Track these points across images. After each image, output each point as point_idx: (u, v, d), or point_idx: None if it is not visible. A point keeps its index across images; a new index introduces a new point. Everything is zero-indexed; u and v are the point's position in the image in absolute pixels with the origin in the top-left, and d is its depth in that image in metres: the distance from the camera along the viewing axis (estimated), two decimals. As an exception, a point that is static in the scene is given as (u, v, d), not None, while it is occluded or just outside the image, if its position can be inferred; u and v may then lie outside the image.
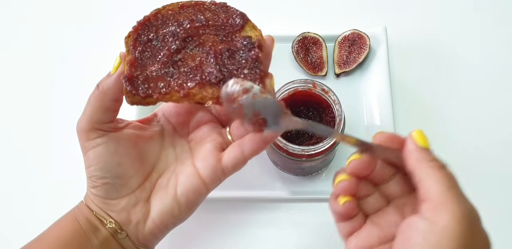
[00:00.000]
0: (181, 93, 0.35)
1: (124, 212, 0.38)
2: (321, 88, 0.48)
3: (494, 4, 0.67)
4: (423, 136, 0.33)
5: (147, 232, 0.39)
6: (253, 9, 0.68)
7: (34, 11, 0.69)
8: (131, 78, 0.35)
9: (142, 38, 0.36)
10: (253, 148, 0.37)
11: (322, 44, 0.62)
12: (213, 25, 0.37)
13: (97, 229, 0.38)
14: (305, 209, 0.56)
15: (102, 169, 0.37)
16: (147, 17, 0.37)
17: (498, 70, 0.63)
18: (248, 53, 0.36)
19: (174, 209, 0.38)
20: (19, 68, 0.66)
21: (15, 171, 0.60)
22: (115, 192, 0.38)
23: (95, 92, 0.37)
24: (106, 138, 0.37)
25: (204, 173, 0.38)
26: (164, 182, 0.40)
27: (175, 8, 0.37)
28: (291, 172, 0.56)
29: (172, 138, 0.42)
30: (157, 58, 0.36)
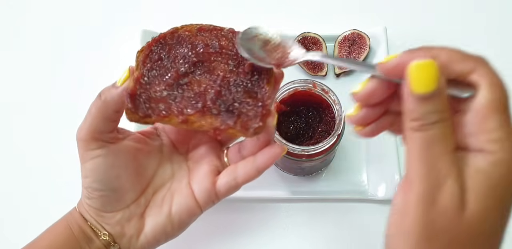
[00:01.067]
0: (180, 119, 0.35)
1: (118, 226, 0.38)
2: (321, 88, 0.48)
3: (494, 4, 0.67)
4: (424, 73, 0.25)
5: (139, 246, 0.39)
6: (253, 9, 0.69)
7: (34, 11, 0.69)
8: (133, 95, 0.35)
9: (153, 56, 0.36)
10: (246, 176, 0.38)
11: (322, 44, 0.62)
12: (226, 53, 0.36)
13: (90, 239, 0.38)
14: (305, 209, 0.56)
15: (99, 182, 0.37)
16: (163, 34, 0.37)
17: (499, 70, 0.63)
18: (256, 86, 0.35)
19: (167, 227, 0.39)
20: (19, 68, 0.66)
21: (14, 171, 0.60)
22: (110, 205, 0.38)
23: (97, 102, 0.36)
24: (106, 150, 0.37)
25: (199, 195, 0.38)
26: (159, 200, 0.39)
27: (193, 30, 0.37)
28: (291, 172, 0.56)
29: (170, 154, 0.41)
30: (163, 78, 0.35)
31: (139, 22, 0.65)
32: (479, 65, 0.26)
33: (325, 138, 0.47)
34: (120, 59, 0.64)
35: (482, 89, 0.25)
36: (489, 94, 0.25)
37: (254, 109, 0.35)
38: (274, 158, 0.37)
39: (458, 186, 0.25)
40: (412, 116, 0.25)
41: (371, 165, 0.57)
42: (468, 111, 0.26)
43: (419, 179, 0.25)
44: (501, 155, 0.24)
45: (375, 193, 0.55)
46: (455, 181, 0.25)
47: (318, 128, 0.50)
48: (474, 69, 0.26)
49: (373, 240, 0.54)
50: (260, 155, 0.37)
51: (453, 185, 0.25)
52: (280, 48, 0.37)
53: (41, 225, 0.40)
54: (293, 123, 0.51)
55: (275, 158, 0.37)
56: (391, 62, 0.27)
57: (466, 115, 0.26)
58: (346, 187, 0.56)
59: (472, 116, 0.25)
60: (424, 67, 0.25)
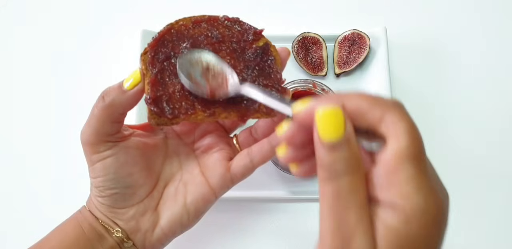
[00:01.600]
0: (207, 113, 0.35)
1: (133, 221, 0.38)
2: (321, 88, 0.48)
3: (494, 4, 0.67)
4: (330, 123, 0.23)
5: (155, 240, 0.39)
6: (254, 9, 0.69)
7: (34, 11, 0.69)
8: (155, 99, 0.35)
9: (159, 56, 0.36)
10: (262, 157, 0.38)
11: (322, 44, 0.62)
12: (229, 41, 0.36)
13: (102, 237, 0.37)
14: (305, 209, 0.56)
15: (111, 180, 0.37)
16: (162, 33, 0.36)
17: (499, 70, 0.63)
18: (265, 63, 0.36)
19: (183, 217, 0.39)
20: (19, 68, 0.66)
21: (14, 171, 0.60)
22: (123, 201, 0.38)
23: (99, 104, 0.35)
24: (116, 149, 0.36)
25: (213, 181, 0.39)
26: (172, 191, 0.39)
27: (188, 23, 0.37)
28: (291, 172, 0.56)
29: (176, 146, 0.41)
30: (177, 77, 0.35)
31: (139, 22, 0.65)
32: (387, 113, 0.24)
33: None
34: (120, 59, 0.64)
35: (389, 139, 0.23)
36: (396, 144, 0.23)
37: (273, 90, 0.35)
38: None
39: (367, 243, 0.23)
40: (321, 166, 0.24)
41: (371, 165, 0.56)
42: (378, 163, 0.24)
43: (328, 234, 0.23)
44: (411, 212, 0.23)
45: (375, 193, 0.55)
46: (364, 237, 0.23)
47: (318, 128, 0.50)
48: (382, 118, 0.24)
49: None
50: (275, 135, 0.38)
51: (361, 242, 0.23)
52: (220, 76, 0.36)
53: (42, 226, 0.39)
54: (293, 123, 0.51)
55: None
56: (302, 111, 0.25)
57: (377, 167, 0.24)
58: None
59: (381, 168, 0.23)
60: (329, 115, 0.23)
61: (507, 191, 0.56)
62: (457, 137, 0.59)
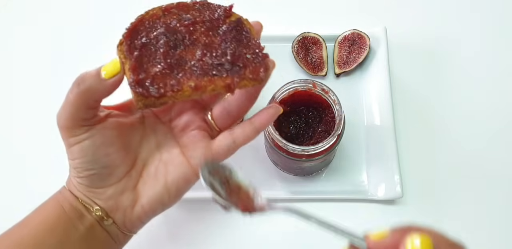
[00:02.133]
0: (193, 87, 0.36)
1: (111, 200, 0.38)
2: (321, 88, 0.48)
3: (494, 4, 0.67)
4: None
5: (135, 218, 0.39)
6: (254, 9, 0.68)
7: (34, 11, 0.69)
8: (139, 82, 0.35)
9: (136, 43, 0.36)
10: (245, 137, 0.38)
11: (322, 44, 0.62)
12: (201, 21, 0.37)
13: (82, 215, 0.38)
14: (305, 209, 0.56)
15: (89, 162, 0.37)
16: (135, 23, 0.37)
17: (499, 69, 0.63)
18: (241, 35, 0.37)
19: (164, 197, 0.39)
20: (19, 68, 0.66)
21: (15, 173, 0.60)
22: (101, 181, 0.38)
23: (74, 90, 0.35)
24: (92, 132, 0.37)
25: (195, 162, 0.39)
26: (152, 171, 0.40)
27: (159, 12, 0.38)
28: (291, 172, 0.56)
29: (153, 124, 0.41)
30: (157, 59, 0.36)
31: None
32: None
33: (325, 138, 0.47)
34: (120, 59, 0.64)
35: None
36: None
37: (255, 56, 0.36)
38: (272, 116, 0.38)
39: None
40: None
41: (371, 165, 0.57)
42: None
43: None
44: None
45: (375, 193, 0.55)
46: None
47: (318, 128, 0.50)
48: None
49: (373, 240, 0.55)
50: (257, 116, 0.39)
51: None
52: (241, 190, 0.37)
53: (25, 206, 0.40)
54: (293, 123, 0.51)
55: (273, 117, 0.38)
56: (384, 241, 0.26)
57: None
58: (346, 187, 0.56)
59: None
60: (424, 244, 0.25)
61: (507, 191, 0.56)
62: (457, 137, 0.59)
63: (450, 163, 0.58)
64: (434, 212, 0.55)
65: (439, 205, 0.56)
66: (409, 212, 0.55)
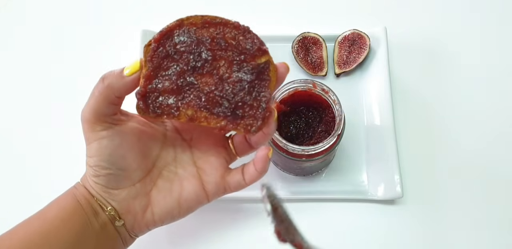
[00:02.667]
0: (188, 118, 0.36)
1: (124, 202, 0.40)
2: (321, 88, 0.48)
3: (494, 3, 0.67)
4: None
5: (143, 223, 0.40)
6: (254, 9, 0.68)
7: (34, 11, 0.69)
8: (144, 95, 0.36)
9: (161, 51, 0.36)
10: (250, 178, 0.40)
11: (322, 44, 0.62)
12: (232, 50, 0.36)
13: (97, 212, 0.39)
14: (305, 209, 0.56)
15: (106, 161, 0.38)
16: (170, 27, 0.36)
17: (498, 69, 0.63)
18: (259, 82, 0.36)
19: (175, 211, 0.41)
20: (19, 68, 0.66)
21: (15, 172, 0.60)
22: (117, 182, 0.39)
23: (99, 86, 0.37)
24: (112, 131, 0.38)
25: (209, 187, 0.41)
26: (167, 183, 0.41)
27: (198, 22, 0.37)
28: (291, 172, 0.56)
29: (174, 139, 0.43)
30: (172, 76, 0.36)
31: (139, 22, 0.65)
32: None
33: (325, 138, 0.47)
34: (121, 59, 0.63)
35: None
36: None
37: (257, 112, 0.36)
38: (265, 160, 0.40)
39: None
40: None
41: (371, 165, 0.57)
42: None
43: None
44: None
45: (375, 193, 0.55)
46: None
47: (318, 128, 0.50)
48: None
49: (373, 240, 0.55)
50: (255, 159, 0.40)
51: None
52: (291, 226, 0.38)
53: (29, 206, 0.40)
54: (293, 123, 0.51)
55: (265, 160, 0.40)
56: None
57: None
58: (346, 187, 0.56)
59: None
60: None
61: (507, 191, 0.56)
62: (457, 137, 0.59)
63: (450, 163, 0.58)
64: (434, 212, 0.55)
65: (439, 205, 0.56)
66: (409, 212, 0.55)
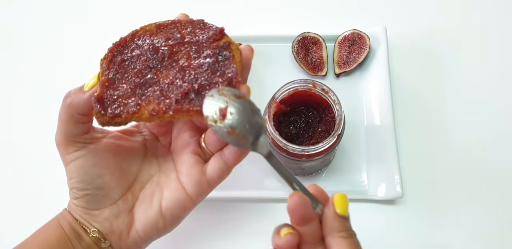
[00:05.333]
0: (149, 113, 0.35)
1: (107, 222, 0.38)
2: (321, 88, 0.48)
3: (494, 4, 0.67)
4: (344, 203, 0.33)
5: (130, 242, 0.39)
6: (254, 9, 0.68)
7: (34, 11, 0.69)
8: (100, 99, 0.35)
9: (116, 59, 0.36)
10: (235, 158, 0.38)
11: (322, 44, 0.62)
12: (189, 42, 0.36)
13: (81, 236, 0.38)
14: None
15: (83, 181, 0.37)
16: (124, 38, 0.37)
17: (498, 69, 0.63)
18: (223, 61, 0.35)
19: (159, 223, 0.39)
20: (19, 68, 0.66)
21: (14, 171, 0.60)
22: (96, 203, 0.38)
23: (63, 106, 0.37)
24: (85, 150, 0.38)
25: (189, 188, 0.38)
26: (148, 195, 0.40)
27: (152, 28, 0.37)
28: (291, 172, 0.56)
29: (154, 148, 0.42)
30: (129, 78, 0.36)
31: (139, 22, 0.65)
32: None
33: (325, 138, 0.47)
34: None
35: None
36: None
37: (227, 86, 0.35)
38: None
39: None
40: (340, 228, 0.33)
41: (371, 165, 0.57)
42: None
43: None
44: None
45: (375, 193, 0.55)
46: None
47: (318, 128, 0.50)
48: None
49: (373, 240, 0.54)
50: None
51: None
52: None
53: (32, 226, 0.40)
54: (293, 123, 0.51)
55: None
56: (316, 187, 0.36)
57: None
58: (346, 187, 0.56)
59: None
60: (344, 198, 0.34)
61: (507, 191, 0.56)
62: (457, 137, 0.59)
63: (450, 163, 0.58)
64: (434, 212, 0.55)
65: (439, 205, 0.56)
66: (409, 212, 0.55)
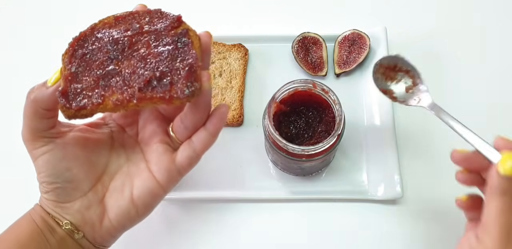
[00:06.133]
0: (112, 103, 0.35)
1: (79, 214, 0.39)
2: (321, 88, 0.48)
3: (494, 4, 0.67)
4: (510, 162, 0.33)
5: (104, 232, 0.39)
6: (254, 9, 0.69)
7: (34, 11, 0.69)
8: (65, 93, 0.36)
9: (77, 53, 0.37)
10: (203, 145, 0.38)
11: (322, 44, 0.62)
12: (148, 32, 0.36)
13: (53, 229, 0.39)
14: (305, 209, 0.56)
15: (51, 175, 0.38)
16: (83, 32, 0.37)
17: (498, 69, 0.63)
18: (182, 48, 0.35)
19: (131, 212, 0.39)
20: (19, 68, 0.66)
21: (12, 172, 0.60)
22: (66, 195, 0.39)
23: (26, 102, 0.37)
24: (52, 145, 0.38)
25: (160, 176, 0.39)
26: (119, 185, 0.40)
27: (111, 21, 0.38)
28: (291, 172, 0.56)
29: (121, 139, 0.42)
30: (91, 71, 0.36)
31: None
32: None
33: (325, 138, 0.47)
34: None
35: None
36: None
37: (185, 73, 0.34)
38: (222, 118, 0.38)
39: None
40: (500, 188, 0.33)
41: (371, 165, 0.57)
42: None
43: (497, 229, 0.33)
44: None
45: (375, 193, 0.55)
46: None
47: (318, 128, 0.50)
48: None
49: (373, 240, 0.55)
50: (209, 120, 0.38)
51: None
52: None
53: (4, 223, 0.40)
54: (293, 123, 0.51)
55: (223, 117, 0.38)
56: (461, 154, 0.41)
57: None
58: (346, 187, 0.56)
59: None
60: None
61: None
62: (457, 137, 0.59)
63: (450, 163, 0.58)
64: (434, 212, 0.55)
65: (439, 205, 0.56)
66: (409, 212, 0.55)
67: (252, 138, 0.58)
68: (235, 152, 0.58)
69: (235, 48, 0.62)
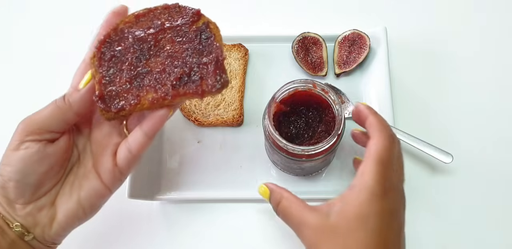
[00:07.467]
0: (149, 101, 0.36)
1: (30, 216, 0.39)
2: (321, 88, 0.48)
3: (494, 4, 0.67)
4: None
5: (53, 233, 0.40)
6: (254, 9, 0.69)
7: (34, 11, 0.69)
8: (102, 96, 0.36)
9: (105, 56, 0.37)
10: (138, 145, 0.38)
11: (322, 44, 0.62)
12: (170, 28, 0.37)
13: (4, 231, 0.38)
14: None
15: (19, 173, 0.37)
16: (107, 34, 0.38)
17: (498, 69, 0.63)
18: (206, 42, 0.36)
19: (79, 212, 0.40)
20: (19, 69, 0.66)
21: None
22: (23, 198, 0.38)
23: (60, 103, 0.37)
24: (37, 146, 0.37)
25: (104, 177, 0.39)
26: (68, 187, 0.40)
27: (132, 19, 0.38)
28: (291, 172, 0.56)
29: (75, 137, 0.42)
30: (122, 72, 0.37)
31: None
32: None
33: (325, 138, 0.47)
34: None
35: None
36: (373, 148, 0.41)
37: (212, 67, 0.35)
38: (161, 120, 0.38)
39: None
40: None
41: (371, 165, 0.56)
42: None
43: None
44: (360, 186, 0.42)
45: (375, 193, 0.55)
46: None
47: (318, 128, 0.50)
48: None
49: (373, 240, 0.54)
50: (145, 121, 0.38)
51: None
52: None
53: None
54: (293, 123, 0.51)
55: (162, 120, 0.38)
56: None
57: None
58: (346, 187, 0.56)
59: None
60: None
61: (507, 191, 0.56)
62: (456, 136, 0.59)
63: (450, 163, 0.58)
64: (434, 212, 0.55)
65: (439, 205, 0.56)
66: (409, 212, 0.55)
67: (252, 138, 0.58)
68: (235, 152, 0.58)
69: (235, 48, 0.62)
